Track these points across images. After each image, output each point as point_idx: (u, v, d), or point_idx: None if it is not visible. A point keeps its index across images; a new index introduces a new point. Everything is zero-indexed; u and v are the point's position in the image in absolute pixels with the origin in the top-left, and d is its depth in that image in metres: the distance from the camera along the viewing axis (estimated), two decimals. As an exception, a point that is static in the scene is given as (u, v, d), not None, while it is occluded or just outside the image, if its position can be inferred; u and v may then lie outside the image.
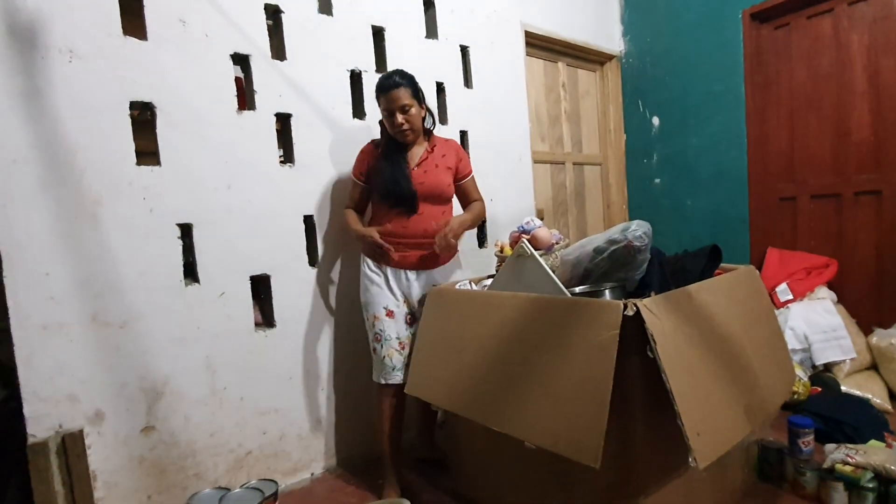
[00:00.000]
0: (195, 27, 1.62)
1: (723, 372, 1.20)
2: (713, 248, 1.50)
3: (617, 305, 1.08)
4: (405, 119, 1.64)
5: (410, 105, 1.64)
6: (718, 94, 2.81)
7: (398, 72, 1.68)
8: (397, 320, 1.69)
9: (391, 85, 1.63)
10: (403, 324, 1.71)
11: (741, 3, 2.68)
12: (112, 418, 1.49)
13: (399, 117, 1.63)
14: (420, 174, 1.70)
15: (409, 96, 1.64)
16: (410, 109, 1.65)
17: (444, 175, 1.74)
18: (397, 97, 1.62)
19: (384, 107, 1.66)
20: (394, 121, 1.64)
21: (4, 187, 1.34)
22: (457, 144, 1.84)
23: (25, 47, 1.37)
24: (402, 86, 1.63)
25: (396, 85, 1.62)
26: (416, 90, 1.68)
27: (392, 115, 1.64)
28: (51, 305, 1.40)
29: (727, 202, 2.83)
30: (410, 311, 1.74)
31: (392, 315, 1.69)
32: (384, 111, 1.67)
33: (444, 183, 1.73)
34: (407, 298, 1.73)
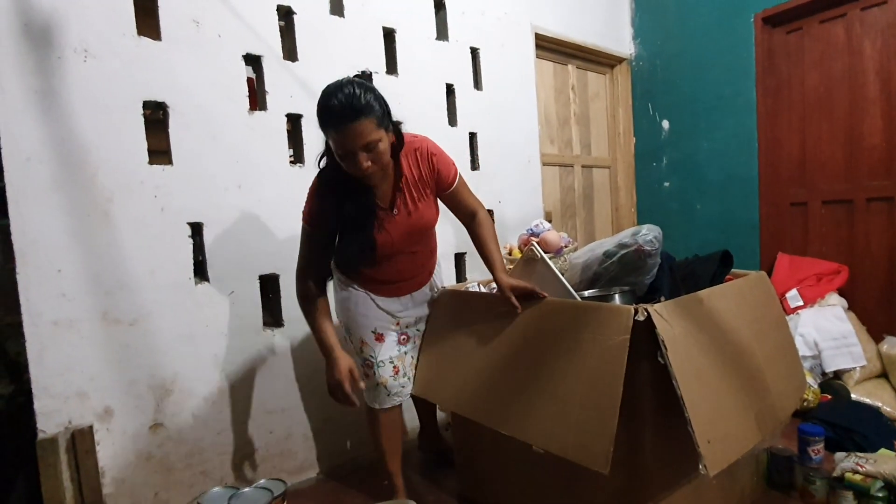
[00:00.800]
0: (208, 28, 1.63)
1: (733, 379, 1.19)
2: (724, 253, 1.49)
3: (627, 310, 1.07)
4: (371, 159, 1.16)
5: (378, 139, 1.15)
6: (729, 98, 2.79)
7: (354, 87, 1.13)
8: (386, 343, 1.47)
9: (346, 116, 1.11)
10: (396, 344, 1.50)
11: (753, 6, 2.67)
12: (121, 415, 1.50)
13: (363, 160, 1.15)
14: (403, 220, 1.34)
15: (374, 127, 1.14)
16: (378, 144, 1.16)
17: (429, 208, 1.39)
18: (359, 133, 1.12)
19: (338, 148, 1.16)
20: (355, 164, 1.16)
21: (19, 185, 1.36)
22: (429, 150, 1.35)
23: (41, 47, 1.38)
24: (362, 115, 1.12)
25: (355, 116, 1.11)
26: (384, 112, 1.18)
27: (352, 156, 1.15)
28: (62, 302, 1.41)
29: (737, 207, 2.81)
30: (403, 330, 1.53)
31: (382, 339, 1.47)
32: (338, 152, 1.17)
33: (431, 219, 1.41)
34: (398, 321, 1.52)
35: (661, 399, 1.09)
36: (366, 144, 1.14)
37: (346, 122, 1.12)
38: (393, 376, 1.50)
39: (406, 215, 1.35)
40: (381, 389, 1.48)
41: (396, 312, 1.51)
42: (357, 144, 1.14)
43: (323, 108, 1.16)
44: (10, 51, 1.34)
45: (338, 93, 1.13)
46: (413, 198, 1.35)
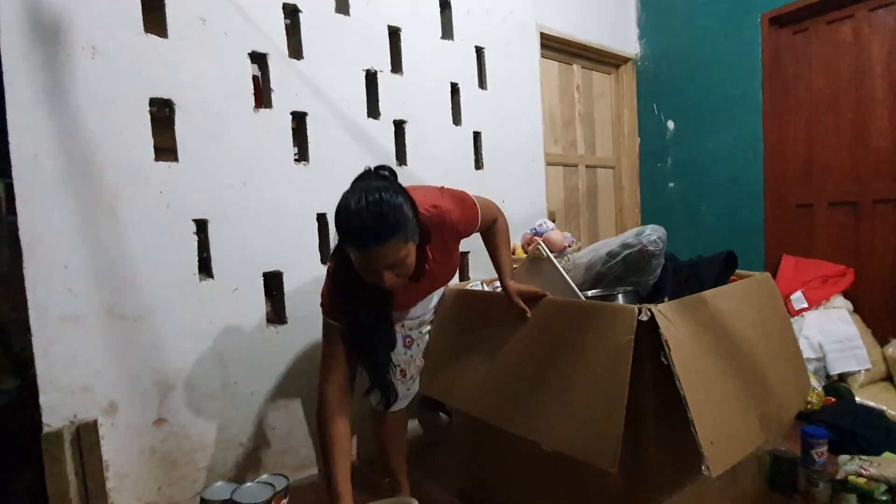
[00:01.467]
0: (215, 25, 1.63)
1: (737, 380, 1.18)
2: (728, 254, 1.49)
3: (631, 310, 1.07)
4: (396, 274, 1.09)
5: (405, 256, 1.07)
6: (735, 99, 2.78)
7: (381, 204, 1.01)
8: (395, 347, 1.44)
9: (373, 240, 1.01)
10: (402, 347, 1.50)
11: (760, 7, 2.65)
12: (125, 410, 1.51)
13: (387, 279, 1.07)
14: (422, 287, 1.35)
15: (402, 245, 1.05)
16: (404, 262, 1.08)
17: (447, 271, 1.39)
18: (385, 255, 1.04)
19: (360, 265, 1.08)
20: (379, 282, 1.08)
21: (26, 181, 1.37)
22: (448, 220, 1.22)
23: (49, 44, 1.39)
24: (391, 238, 1.02)
25: (382, 240, 1.01)
26: (411, 224, 1.07)
27: (377, 274, 1.07)
28: (68, 297, 1.42)
29: (742, 208, 2.80)
30: (407, 333, 1.54)
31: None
32: (361, 267, 1.08)
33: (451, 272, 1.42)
34: (403, 323, 1.53)
35: (663, 400, 1.09)
36: (391, 264, 1.06)
37: (371, 246, 1.02)
38: (401, 380, 1.51)
39: (430, 280, 1.33)
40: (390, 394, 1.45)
41: (403, 317, 1.52)
42: (382, 265, 1.05)
43: (345, 227, 1.03)
44: (18, 48, 1.35)
45: (363, 213, 1.00)
46: (438, 264, 1.30)
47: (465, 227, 1.29)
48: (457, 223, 1.25)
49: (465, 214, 1.28)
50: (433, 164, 2.19)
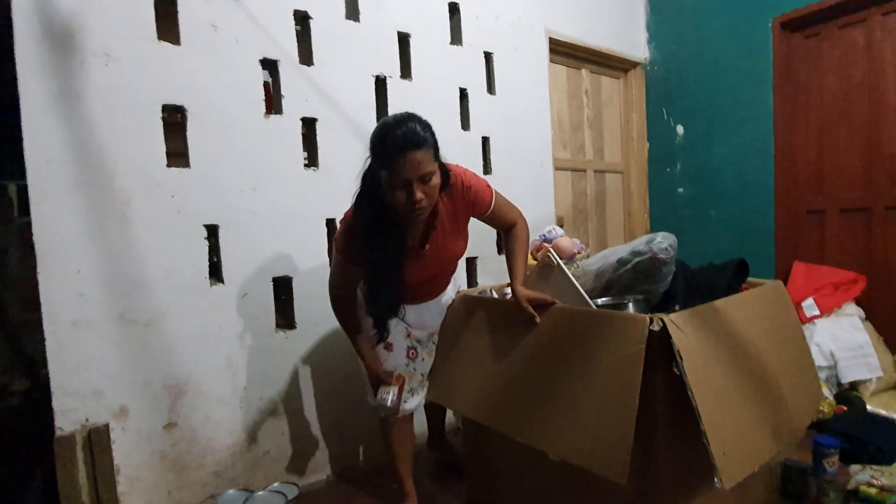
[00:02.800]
0: (226, 32, 1.64)
1: (750, 390, 1.17)
2: (740, 262, 1.48)
3: (643, 319, 1.07)
4: (425, 191, 1.15)
5: (433, 171, 1.16)
6: (746, 104, 2.76)
7: (415, 119, 1.17)
8: (396, 353, 1.51)
9: (408, 144, 1.11)
10: (404, 357, 1.53)
11: (771, 11, 2.64)
12: (136, 414, 1.52)
13: (418, 192, 1.14)
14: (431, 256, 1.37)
15: (431, 159, 1.15)
16: (432, 178, 1.16)
17: (461, 241, 1.43)
18: (418, 163, 1.12)
19: (399, 175, 1.13)
20: (410, 198, 1.15)
21: (40, 186, 1.38)
22: (461, 180, 1.33)
23: (63, 51, 1.41)
24: (424, 145, 1.13)
25: (416, 144, 1.12)
26: (437, 146, 1.20)
27: (406, 187, 1.14)
28: (80, 302, 1.43)
29: (753, 214, 2.77)
30: (413, 345, 1.56)
31: (390, 349, 1.50)
32: (395, 182, 1.15)
33: (460, 251, 1.46)
34: (410, 332, 1.55)
35: (675, 410, 1.08)
36: (423, 175, 1.14)
37: (407, 151, 1.11)
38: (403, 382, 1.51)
39: (437, 251, 1.36)
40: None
41: (411, 323, 1.55)
42: (415, 174, 1.13)
43: (383, 139, 1.15)
44: (32, 55, 1.37)
45: (399, 126, 1.14)
46: (446, 232, 1.36)
47: (475, 196, 1.35)
48: (468, 187, 1.33)
49: (478, 184, 1.36)
50: (441, 169, 2.19)
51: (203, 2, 1.60)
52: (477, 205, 1.37)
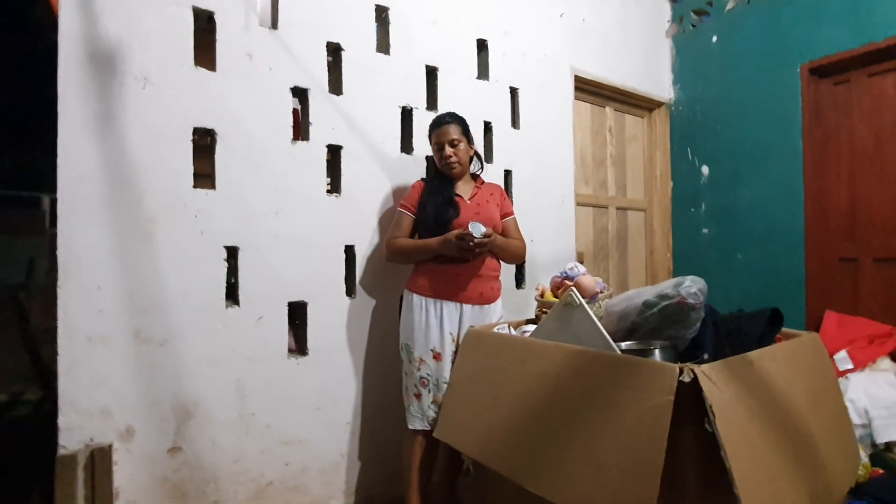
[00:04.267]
0: (261, 61, 1.69)
1: (787, 452, 1.09)
2: (773, 311, 1.41)
3: (672, 369, 1.01)
4: (453, 152, 1.75)
5: (459, 140, 1.76)
6: (774, 147, 2.72)
7: (450, 113, 1.83)
8: (444, 363, 1.67)
9: (443, 122, 1.78)
10: (450, 365, 1.67)
11: (800, 57, 2.63)
12: (141, 436, 1.49)
13: (448, 149, 1.75)
14: (473, 206, 1.77)
15: (458, 132, 1.77)
16: (459, 145, 1.76)
17: (494, 210, 1.81)
18: (447, 131, 1.75)
19: (435, 140, 1.79)
20: (443, 153, 1.76)
21: (70, 202, 1.41)
22: (501, 188, 1.95)
23: (104, 73, 1.46)
24: (452, 123, 1.77)
25: (447, 122, 1.77)
26: (466, 129, 1.81)
27: (441, 149, 1.76)
28: (98, 318, 1.43)
29: (782, 259, 2.69)
30: (455, 350, 1.69)
31: (439, 358, 1.66)
32: (435, 145, 1.80)
33: (496, 217, 1.80)
34: (456, 338, 1.70)
35: (706, 470, 1.01)
36: (451, 140, 1.75)
37: (441, 125, 1.77)
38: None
39: (476, 205, 1.79)
40: (430, 411, 1.65)
41: (454, 328, 1.69)
42: (445, 139, 1.75)
43: (433, 120, 1.83)
44: (75, 76, 1.42)
45: (443, 114, 1.84)
46: (483, 198, 1.83)
47: (504, 199, 1.92)
48: (504, 193, 1.95)
49: (507, 197, 1.96)
50: (463, 200, 2.18)
51: (241, 31, 1.65)
52: (505, 202, 1.91)
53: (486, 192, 1.85)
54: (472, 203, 1.79)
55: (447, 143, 1.75)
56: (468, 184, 1.85)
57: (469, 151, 1.82)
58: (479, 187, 1.85)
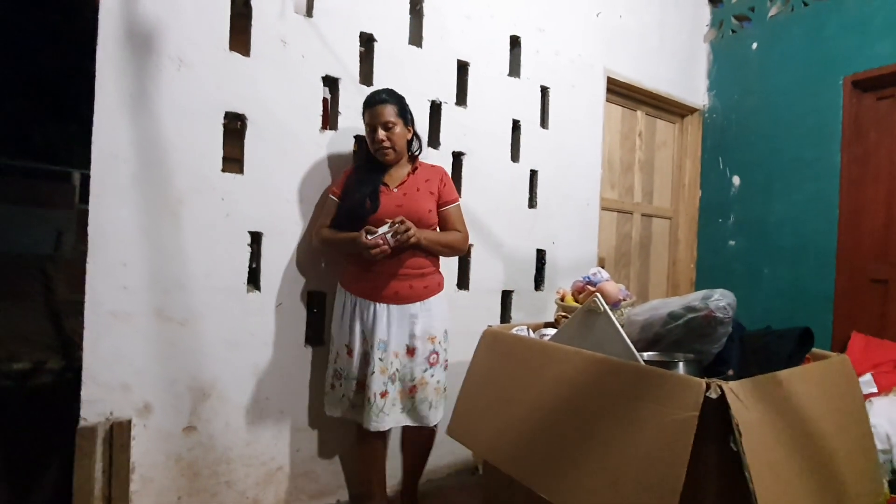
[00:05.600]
0: (294, 48, 1.69)
1: (812, 475, 1.05)
2: (804, 330, 1.36)
3: (698, 384, 0.98)
4: (387, 136, 1.58)
5: (394, 123, 1.59)
6: (810, 161, 2.63)
7: (387, 90, 1.64)
8: (353, 360, 1.58)
9: (377, 101, 1.59)
10: (362, 363, 1.58)
11: (842, 69, 2.53)
12: (159, 413, 1.52)
13: (380, 133, 1.58)
14: (398, 196, 1.60)
15: (394, 114, 1.59)
16: (394, 128, 1.59)
17: (425, 200, 1.62)
18: (381, 113, 1.57)
19: (367, 121, 1.61)
20: (375, 136, 1.58)
21: (102, 179, 1.43)
22: (443, 170, 1.75)
23: (141, 53, 1.47)
24: (387, 102, 1.58)
25: (382, 101, 1.58)
26: (404, 110, 1.63)
27: (374, 131, 1.59)
28: (122, 295, 1.46)
29: (810, 277, 2.61)
30: (365, 350, 1.58)
31: (351, 354, 1.58)
32: (367, 126, 1.62)
33: (424, 208, 1.61)
34: (367, 337, 1.57)
35: (727, 490, 0.98)
36: (385, 122, 1.57)
37: (375, 104, 1.58)
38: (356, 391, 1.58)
39: (402, 195, 1.61)
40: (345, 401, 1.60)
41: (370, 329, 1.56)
42: (378, 121, 1.57)
43: (366, 99, 1.62)
44: (112, 54, 1.43)
45: (378, 91, 1.63)
46: (415, 187, 1.64)
47: (447, 184, 1.71)
48: (445, 174, 1.73)
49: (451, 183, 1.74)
50: (487, 198, 2.16)
51: (276, 17, 1.65)
52: (446, 188, 1.70)
53: (421, 179, 1.65)
54: (398, 193, 1.60)
55: (380, 126, 1.57)
56: (402, 169, 1.66)
57: (406, 135, 1.64)
58: (412, 173, 1.66)
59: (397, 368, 1.58)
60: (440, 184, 1.68)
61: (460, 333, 1.83)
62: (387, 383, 1.56)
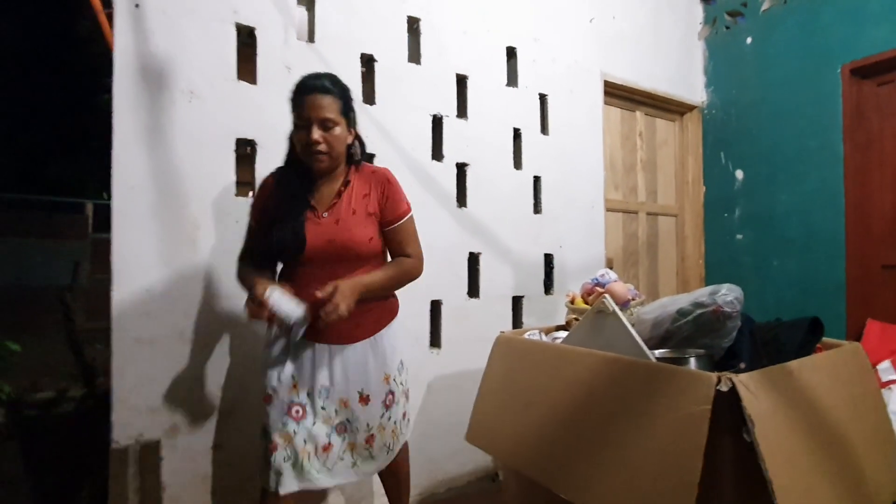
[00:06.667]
0: (298, 73, 1.71)
1: (828, 464, 1.07)
2: (813, 320, 1.37)
3: (709, 378, 1.00)
4: (323, 138, 1.22)
5: (335, 122, 1.24)
6: (813, 151, 2.64)
7: (329, 76, 1.28)
8: (276, 406, 1.28)
9: (315, 88, 1.22)
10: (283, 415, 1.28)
11: (840, 57, 2.55)
12: (186, 433, 1.56)
13: (316, 132, 1.21)
14: (328, 226, 1.27)
15: (336, 110, 1.24)
16: (334, 128, 1.24)
17: (362, 226, 1.29)
18: (319, 105, 1.21)
19: (298, 113, 1.24)
20: (308, 136, 1.21)
21: (123, 210, 1.49)
22: (386, 177, 1.36)
23: (154, 88, 1.54)
24: (329, 93, 1.23)
25: (323, 90, 1.22)
26: (348, 106, 1.29)
27: (307, 129, 1.22)
28: (146, 320, 1.51)
29: (820, 265, 2.60)
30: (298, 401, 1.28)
31: (269, 400, 1.29)
32: (296, 120, 1.25)
33: (362, 238, 1.28)
34: (297, 382, 1.29)
35: (743, 480, 1.00)
36: (324, 119, 1.22)
37: (313, 93, 1.22)
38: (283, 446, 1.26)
39: (334, 222, 1.27)
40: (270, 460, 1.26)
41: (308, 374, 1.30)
42: (316, 115, 1.22)
43: (300, 82, 1.26)
44: (127, 91, 1.50)
45: (313, 77, 1.27)
46: (349, 208, 1.29)
47: (392, 193, 1.35)
48: (388, 181, 1.35)
49: (399, 189, 1.37)
50: (492, 206, 2.20)
51: (280, 45, 1.72)
52: (389, 203, 1.34)
53: (358, 194, 1.30)
54: (328, 221, 1.27)
55: (316, 122, 1.21)
56: (334, 182, 1.31)
57: (347, 138, 1.29)
58: (346, 188, 1.30)
59: (347, 419, 1.32)
60: (381, 198, 1.33)
61: (473, 340, 1.86)
62: (330, 434, 1.31)
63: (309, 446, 1.28)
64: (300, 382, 1.30)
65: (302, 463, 1.27)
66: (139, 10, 1.51)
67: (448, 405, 2.03)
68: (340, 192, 1.31)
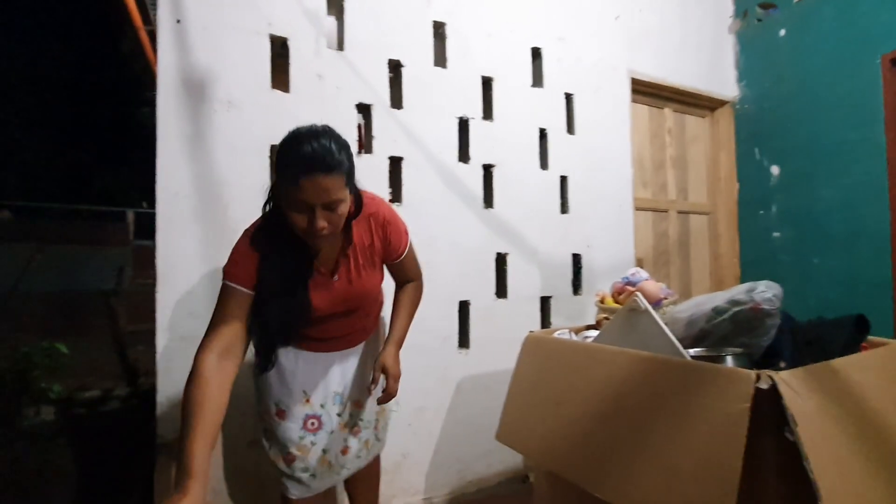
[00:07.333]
0: (329, 81, 1.80)
1: (877, 466, 1.03)
2: (858, 317, 1.33)
3: (748, 375, 0.98)
4: (328, 219, 1.03)
5: (342, 199, 1.04)
6: (854, 143, 2.54)
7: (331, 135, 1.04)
8: (291, 421, 1.29)
9: (317, 166, 0.98)
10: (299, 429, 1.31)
11: (880, 48, 2.45)
12: (224, 428, 1.62)
13: (321, 220, 1.02)
14: (341, 288, 1.21)
15: (342, 186, 1.03)
16: (340, 206, 1.04)
17: (370, 276, 1.26)
18: (324, 188, 0.99)
19: (296, 201, 1.01)
20: (312, 223, 1.02)
21: (167, 216, 1.56)
22: (384, 218, 1.24)
23: (195, 99, 1.62)
24: (335, 169, 1.00)
25: (327, 168, 0.99)
26: (351, 171, 1.08)
27: (309, 212, 1.02)
28: (190, 320, 1.58)
29: (866, 264, 2.49)
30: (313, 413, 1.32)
31: (283, 416, 1.30)
32: (293, 206, 1.02)
33: (373, 288, 1.29)
34: (309, 397, 1.32)
35: (786, 481, 0.97)
36: (329, 203, 1.02)
37: (315, 174, 0.98)
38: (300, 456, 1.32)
39: (347, 283, 1.21)
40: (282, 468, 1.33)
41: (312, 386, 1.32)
42: (320, 200, 1.00)
43: (292, 154, 1.01)
44: (171, 102, 1.58)
45: (313, 141, 1.00)
46: (358, 265, 1.23)
47: (392, 234, 1.26)
48: (387, 223, 1.25)
49: (396, 223, 1.28)
50: (519, 207, 2.21)
51: (312, 54, 1.78)
52: (392, 244, 1.26)
53: (363, 245, 1.23)
54: (341, 282, 1.21)
55: (320, 207, 1.01)
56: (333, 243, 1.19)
57: (351, 204, 1.12)
58: (352, 243, 1.20)
59: (361, 418, 1.41)
60: (384, 242, 1.26)
61: (501, 341, 1.87)
62: (347, 438, 1.38)
63: (329, 455, 1.36)
64: (312, 395, 1.32)
65: (321, 470, 1.35)
66: (181, 26, 1.58)
67: (477, 406, 2.04)
68: (347, 253, 1.21)
